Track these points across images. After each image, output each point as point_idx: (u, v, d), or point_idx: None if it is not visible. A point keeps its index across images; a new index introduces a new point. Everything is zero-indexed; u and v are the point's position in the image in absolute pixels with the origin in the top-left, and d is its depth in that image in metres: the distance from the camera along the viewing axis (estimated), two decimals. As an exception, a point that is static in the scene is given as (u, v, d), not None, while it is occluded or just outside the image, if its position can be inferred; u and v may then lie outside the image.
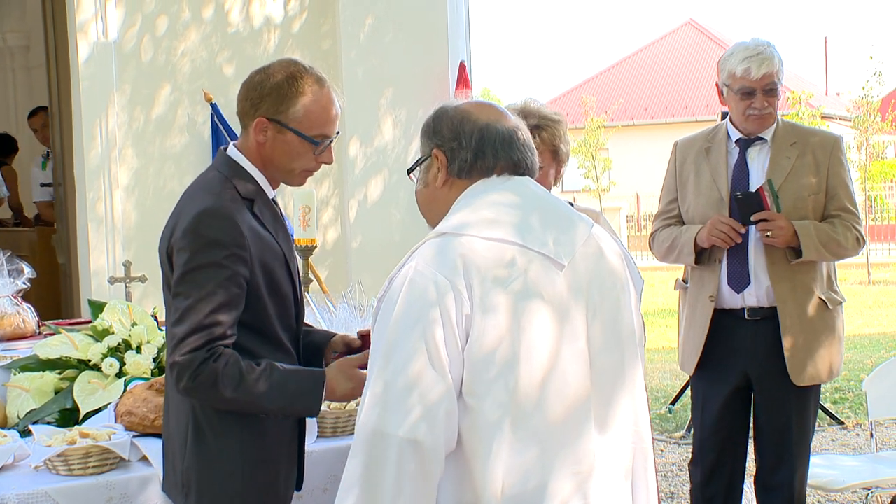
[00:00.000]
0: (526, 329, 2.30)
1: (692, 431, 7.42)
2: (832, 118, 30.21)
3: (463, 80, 7.43)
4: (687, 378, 8.07)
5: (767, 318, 4.25)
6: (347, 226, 7.21)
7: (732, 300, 4.29)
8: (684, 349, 4.48)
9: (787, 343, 4.21)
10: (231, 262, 2.63)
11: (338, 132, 2.87)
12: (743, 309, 4.29)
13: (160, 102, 6.84)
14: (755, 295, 4.26)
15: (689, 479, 4.66)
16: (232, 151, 2.83)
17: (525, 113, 3.39)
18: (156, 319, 4.00)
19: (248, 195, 2.75)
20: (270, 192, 2.85)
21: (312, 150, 2.79)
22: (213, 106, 6.81)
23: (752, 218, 4.16)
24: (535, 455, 2.30)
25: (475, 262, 2.30)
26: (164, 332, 3.73)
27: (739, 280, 4.27)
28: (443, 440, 2.25)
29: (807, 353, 4.25)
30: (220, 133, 6.77)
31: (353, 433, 3.41)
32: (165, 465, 2.90)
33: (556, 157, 3.51)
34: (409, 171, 2.62)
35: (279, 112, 2.75)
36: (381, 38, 7.23)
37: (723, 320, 4.31)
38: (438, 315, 2.26)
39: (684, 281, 4.53)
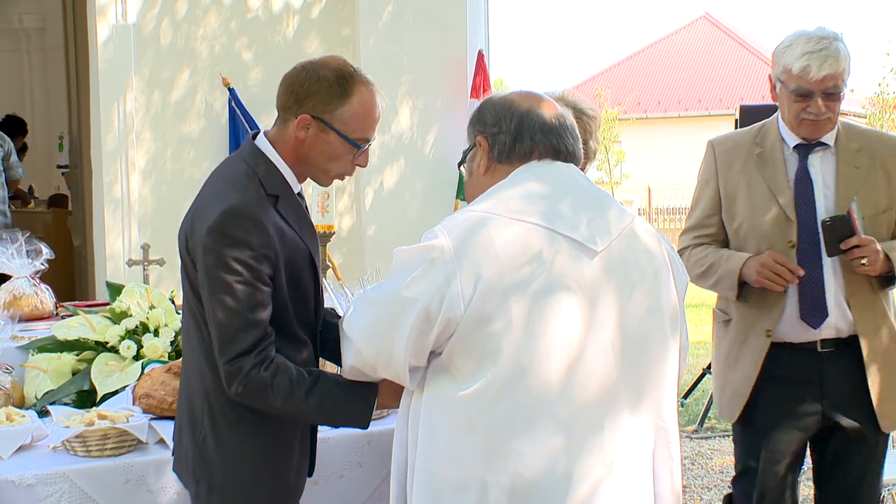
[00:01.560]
0: (547, 328, 2.35)
1: (703, 426, 7.47)
2: (847, 115, 30.09)
3: (481, 69, 7.41)
4: (700, 372, 8.07)
5: (841, 349, 3.65)
6: (363, 213, 7.20)
7: (803, 334, 3.66)
8: (723, 391, 3.83)
9: (873, 384, 3.64)
10: (257, 262, 2.60)
11: (374, 136, 2.83)
12: (815, 342, 3.65)
13: (178, 86, 6.83)
14: (834, 327, 3.64)
15: None
16: (261, 142, 2.77)
17: (561, 103, 3.36)
18: (173, 303, 4.01)
19: (273, 191, 2.70)
20: (296, 187, 2.79)
21: (353, 153, 2.75)
22: (231, 91, 6.81)
23: (843, 245, 3.54)
24: (561, 443, 2.33)
25: (496, 256, 2.34)
26: (181, 316, 3.73)
27: (815, 314, 3.63)
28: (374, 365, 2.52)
29: (893, 393, 3.69)
30: (237, 118, 6.77)
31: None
32: (177, 448, 2.90)
33: (583, 152, 3.44)
34: (460, 164, 2.67)
35: (325, 111, 2.68)
36: (399, 25, 7.21)
37: (783, 356, 3.67)
38: (438, 299, 2.36)
39: (722, 311, 3.88)
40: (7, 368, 3.74)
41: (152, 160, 6.77)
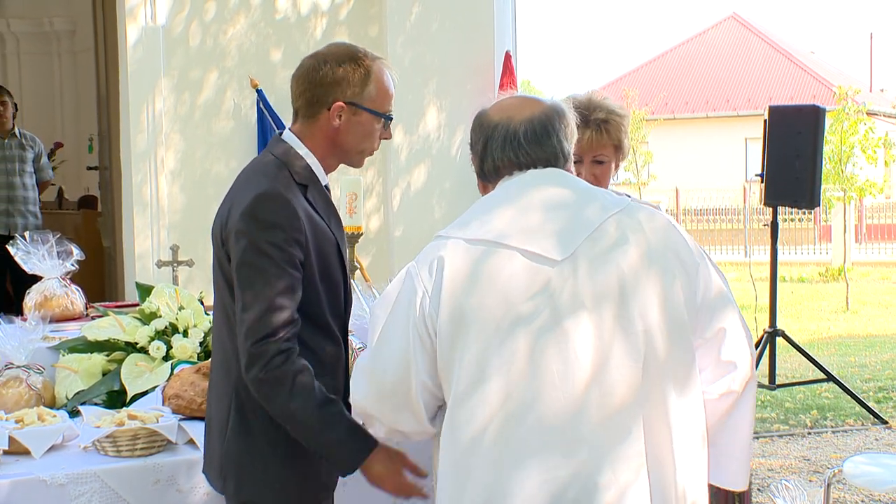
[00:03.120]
0: (504, 349, 2.31)
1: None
2: (877, 115, 29.88)
3: (508, 70, 7.39)
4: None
5: None
6: (390, 214, 7.20)
7: None
8: None
9: None
10: (289, 246, 2.64)
11: None
12: None
13: (207, 87, 6.86)
14: None
15: None
16: (288, 136, 2.84)
17: (592, 106, 3.34)
18: (202, 303, 4.02)
19: (302, 181, 2.75)
20: (324, 179, 2.84)
21: (383, 126, 2.85)
22: (259, 92, 6.83)
23: None
24: (576, 464, 2.29)
25: (451, 279, 2.34)
26: (210, 317, 3.75)
27: None
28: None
29: None
30: (265, 119, 6.79)
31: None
32: (206, 447, 2.91)
33: (619, 150, 3.44)
34: None
35: (356, 94, 2.78)
36: (427, 26, 7.21)
37: None
38: (415, 318, 2.38)
39: None
40: (38, 369, 3.77)
41: (181, 161, 6.80)
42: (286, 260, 2.63)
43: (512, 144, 2.48)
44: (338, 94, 2.77)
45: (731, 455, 2.63)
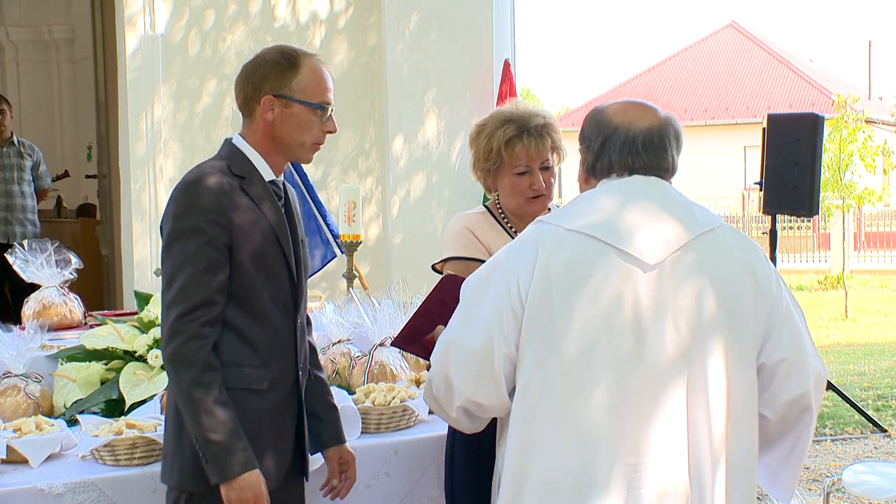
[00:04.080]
0: (583, 337, 2.42)
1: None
2: (875, 123, 29.88)
3: (507, 78, 7.40)
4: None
5: None
6: (389, 222, 7.20)
7: None
8: None
9: None
10: (209, 227, 2.73)
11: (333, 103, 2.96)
12: None
13: (206, 95, 6.87)
14: None
15: None
16: (235, 138, 2.94)
17: (528, 115, 3.39)
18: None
19: (239, 172, 2.84)
20: (268, 175, 2.90)
21: (320, 117, 2.88)
22: (258, 100, 6.83)
23: None
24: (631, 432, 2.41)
25: (546, 263, 2.45)
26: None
27: None
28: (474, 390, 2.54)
29: None
30: (263, 127, 6.79)
31: (397, 429, 3.46)
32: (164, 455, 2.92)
33: (558, 153, 3.46)
34: None
35: (283, 86, 2.84)
36: (426, 34, 7.22)
37: None
38: (511, 293, 2.47)
39: None
40: (37, 377, 3.76)
41: (180, 169, 6.79)
42: (206, 241, 2.72)
43: (630, 150, 2.58)
44: (266, 87, 2.84)
45: (776, 474, 2.74)
